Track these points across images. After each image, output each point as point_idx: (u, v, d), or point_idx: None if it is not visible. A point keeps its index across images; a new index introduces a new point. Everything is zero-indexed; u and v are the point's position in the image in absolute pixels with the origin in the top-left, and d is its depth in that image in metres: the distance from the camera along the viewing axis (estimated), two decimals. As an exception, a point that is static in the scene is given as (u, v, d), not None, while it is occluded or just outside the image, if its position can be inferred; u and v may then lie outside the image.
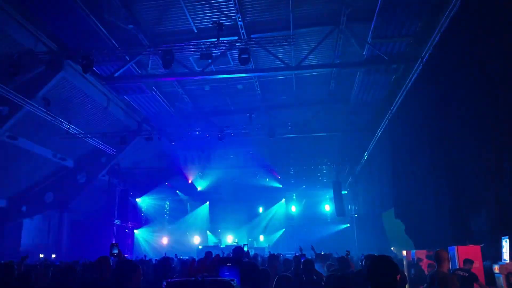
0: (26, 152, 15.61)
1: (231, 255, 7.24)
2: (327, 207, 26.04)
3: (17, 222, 18.00)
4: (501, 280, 7.03)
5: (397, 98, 13.36)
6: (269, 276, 4.07)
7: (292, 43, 11.59)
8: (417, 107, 12.46)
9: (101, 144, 17.94)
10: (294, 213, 27.00)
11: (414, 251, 11.12)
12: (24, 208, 17.88)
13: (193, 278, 1.97)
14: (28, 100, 13.04)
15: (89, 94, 15.04)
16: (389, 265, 2.87)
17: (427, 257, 10.24)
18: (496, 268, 7.25)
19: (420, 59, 10.96)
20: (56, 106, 14.27)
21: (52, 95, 13.78)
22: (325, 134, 19.15)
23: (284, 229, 26.59)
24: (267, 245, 23.44)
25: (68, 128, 15.56)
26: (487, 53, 8.59)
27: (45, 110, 13.80)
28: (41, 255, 16.47)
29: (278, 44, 11.41)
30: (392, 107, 14.11)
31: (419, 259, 10.44)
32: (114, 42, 12.05)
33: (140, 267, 3.43)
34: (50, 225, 19.77)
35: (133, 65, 12.99)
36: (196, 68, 13.48)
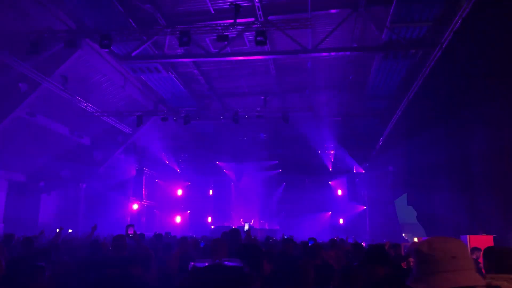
0: (44, 129, 15.91)
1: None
2: (340, 192, 25.98)
3: (35, 198, 18.45)
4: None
5: (415, 84, 13.17)
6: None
7: (309, 25, 11.45)
8: (434, 94, 12.29)
9: (118, 123, 18.16)
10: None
11: (426, 238, 11.11)
12: (42, 184, 18.30)
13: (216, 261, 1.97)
14: (46, 78, 13.22)
15: (106, 73, 15.19)
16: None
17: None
18: (507, 258, 7.21)
19: (439, 45, 10.75)
20: (74, 84, 14.46)
21: (69, 73, 13.96)
22: (340, 118, 19.06)
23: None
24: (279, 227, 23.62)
25: (85, 106, 15.78)
26: (509, 40, 8.39)
27: (62, 88, 14.00)
28: (58, 230, 16.88)
29: (295, 26, 11.30)
30: (409, 93, 13.93)
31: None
32: (131, 21, 12.07)
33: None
34: (67, 201, 20.22)
35: (150, 45, 13.02)
36: (212, 50, 13.45)
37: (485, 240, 8.49)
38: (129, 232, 6.45)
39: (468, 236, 8.70)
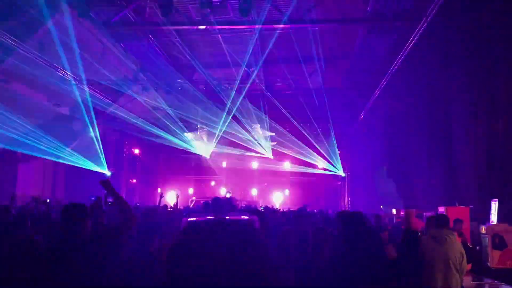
0: (20, 97, 15.45)
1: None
2: (321, 164, 26.24)
3: (12, 168, 18.05)
4: (486, 240, 7.24)
5: (398, 58, 13.18)
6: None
7: (295, -5, 11.27)
8: (417, 68, 12.35)
9: (97, 92, 17.76)
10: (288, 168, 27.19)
11: (404, 210, 11.34)
12: (19, 153, 17.89)
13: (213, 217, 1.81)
14: (22, 43, 12.74)
15: (85, 40, 14.67)
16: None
17: (416, 216, 10.45)
18: (483, 228, 7.44)
19: (424, 18, 10.73)
20: (51, 51, 13.97)
21: (46, 39, 13.45)
22: (323, 90, 19.05)
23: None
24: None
25: (63, 74, 15.33)
26: (492, 16, 8.42)
27: (39, 54, 13.54)
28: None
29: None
30: (392, 67, 13.96)
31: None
32: (111, -14, 11.66)
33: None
34: (46, 171, 19.88)
35: (130, 11, 12.63)
36: (195, 18, 13.14)
37: (461, 212, 8.72)
38: (108, 201, 6.37)
39: (445, 207, 8.90)
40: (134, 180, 25.93)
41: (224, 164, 26.22)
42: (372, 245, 3.04)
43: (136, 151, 25.70)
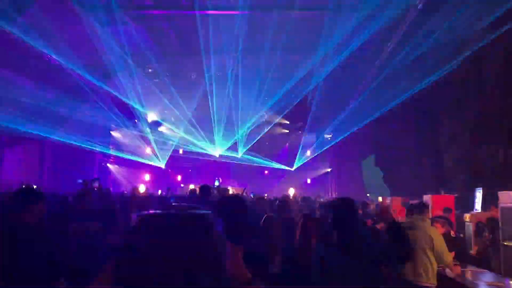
0: (5, 81, 15.18)
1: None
2: (308, 153, 26.32)
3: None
4: (470, 228, 7.35)
5: (388, 45, 13.21)
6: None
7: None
8: (407, 56, 12.38)
9: (84, 76, 17.51)
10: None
11: (390, 198, 11.47)
12: (4, 138, 17.66)
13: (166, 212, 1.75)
14: (7, 26, 12.48)
15: (72, 24, 14.42)
16: None
17: (402, 204, 10.57)
18: (467, 216, 7.55)
19: (415, 6, 10.75)
20: (37, 35, 13.71)
21: (32, 22, 13.19)
22: (312, 78, 19.01)
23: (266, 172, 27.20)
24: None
25: (49, 58, 15.07)
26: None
27: (25, 38, 13.28)
28: (24, 186, 16.46)
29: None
30: (382, 55, 13.98)
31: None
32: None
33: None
34: (32, 156, 19.66)
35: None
36: (184, 2, 12.98)
37: (446, 200, 8.83)
38: (94, 186, 6.34)
39: (431, 196, 9.00)
40: (120, 167, 25.83)
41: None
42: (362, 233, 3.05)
43: (123, 137, 25.48)
